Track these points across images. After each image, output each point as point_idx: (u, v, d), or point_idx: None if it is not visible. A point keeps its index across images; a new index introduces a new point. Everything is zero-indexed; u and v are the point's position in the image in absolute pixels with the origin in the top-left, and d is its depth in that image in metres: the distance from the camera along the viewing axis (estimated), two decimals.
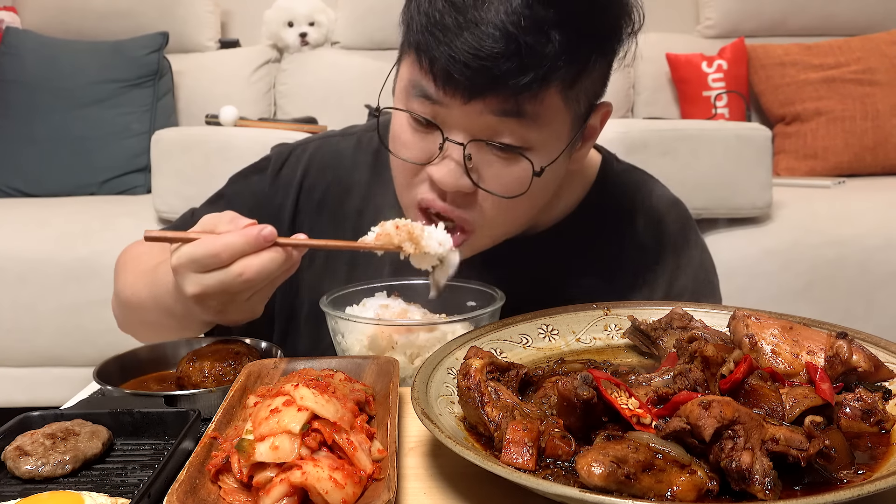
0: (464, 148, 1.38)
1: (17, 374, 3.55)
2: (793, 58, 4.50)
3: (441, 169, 1.40)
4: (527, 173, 1.41)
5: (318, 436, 0.95)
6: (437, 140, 1.40)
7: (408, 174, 1.48)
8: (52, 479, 1.03)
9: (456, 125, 1.38)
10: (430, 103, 1.38)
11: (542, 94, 1.35)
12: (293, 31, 4.78)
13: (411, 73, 1.41)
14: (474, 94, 1.33)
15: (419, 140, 1.43)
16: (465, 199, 1.44)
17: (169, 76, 4.54)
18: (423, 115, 1.40)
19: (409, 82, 1.41)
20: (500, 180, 1.42)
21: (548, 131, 1.40)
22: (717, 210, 3.32)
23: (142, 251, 1.75)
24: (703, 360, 1.06)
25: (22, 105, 4.29)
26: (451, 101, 1.35)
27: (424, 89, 1.38)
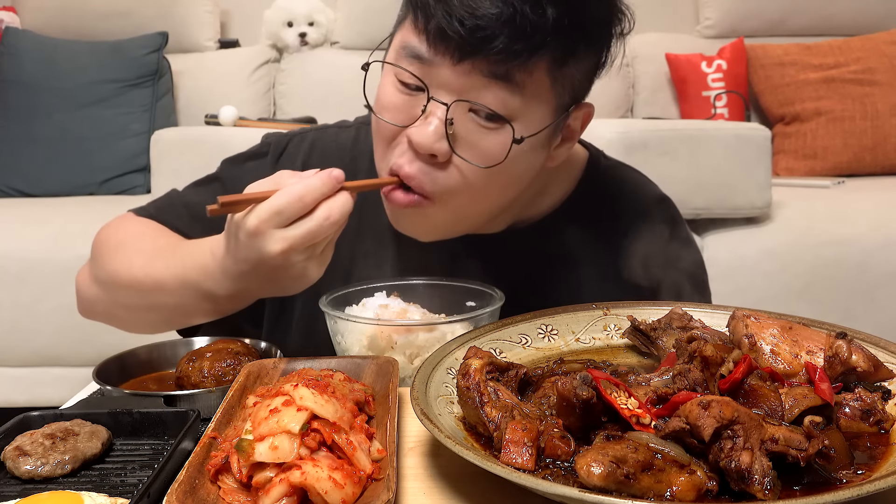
0: (447, 109, 1.37)
1: (17, 374, 3.55)
2: (792, 58, 4.50)
3: (421, 130, 1.39)
4: (504, 145, 1.40)
5: (318, 436, 0.95)
6: (421, 103, 1.40)
7: (387, 140, 1.47)
8: (51, 479, 1.03)
9: (443, 87, 1.38)
10: (419, 64, 1.39)
11: (531, 65, 1.35)
12: (292, 31, 4.78)
13: (404, 36, 1.42)
14: (465, 54, 1.33)
15: (403, 103, 1.43)
16: (434, 167, 1.42)
17: (168, 76, 4.54)
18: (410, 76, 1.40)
19: (400, 45, 1.42)
20: (476, 149, 1.40)
21: (532, 105, 1.40)
22: (717, 210, 3.32)
23: (141, 230, 1.71)
24: (703, 360, 1.07)
25: (21, 105, 4.29)
26: (442, 60, 1.36)
27: (415, 49, 1.38)
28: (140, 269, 1.57)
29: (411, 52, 1.39)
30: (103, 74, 4.37)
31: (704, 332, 1.27)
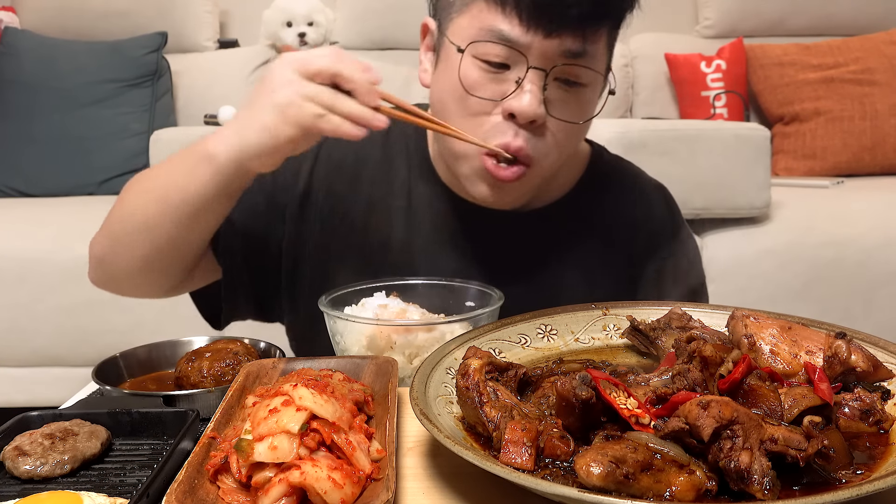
0: (546, 74, 1.48)
1: (16, 374, 3.55)
2: (791, 58, 4.50)
3: (520, 100, 1.48)
4: (590, 102, 1.58)
5: (317, 436, 0.95)
6: (510, 78, 1.50)
7: (475, 120, 1.54)
8: (50, 479, 1.03)
9: (533, 61, 1.48)
10: (506, 45, 1.48)
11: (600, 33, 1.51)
12: (292, 31, 4.77)
13: (484, 18, 1.50)
14: (553, 27, 1.45)
15: (491, 80, 1.51)
16: (536, 131, 1.53)
17: (167, 76, 4.54)
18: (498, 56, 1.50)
19: (480, 29, 1.50)
20: (567, 110, 1.54)
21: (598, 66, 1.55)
22: (716, 210, 3.32)
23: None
24: (702, 360, 1.06)
25: (20, 105, 4.29)
26: (533, 37, 1.46)
27: (503, 31, 1.48)
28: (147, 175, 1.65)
29: (499, 35, 1.48)
30: (102, 74, 4.37)
31: (704, 332, 1.27)
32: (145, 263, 1.58)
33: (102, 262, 1.66)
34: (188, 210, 1.49)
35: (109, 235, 1.62)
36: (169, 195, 1.50)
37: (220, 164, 1.43)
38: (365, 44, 4.83)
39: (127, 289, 1.71)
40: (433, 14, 1.67)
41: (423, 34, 1.69)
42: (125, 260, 1.60)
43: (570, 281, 1.72)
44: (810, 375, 1.07)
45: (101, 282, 1.71)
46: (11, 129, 4.26)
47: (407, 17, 4.81)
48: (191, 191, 1.47)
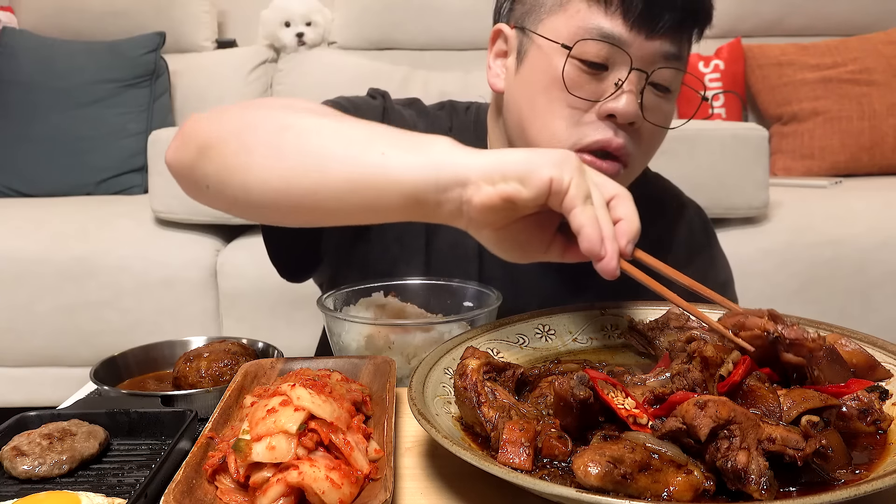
0: (647, 76, 1.49)
1: (14, 374, 3.54)
2: (789, 58, 4.50)
3: (620, 102, 1.48)
4: (673, 109, 1.59)
5: (315, 436, 0.95)
6: (609, 79, 1.50)
7: (570, 118, 1.53)
8: (48, 480, 1.03)
9: (634, 61, 1.49)
10: (607, 44, 1.48)
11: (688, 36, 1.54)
12: (290, 31, 4.77)
13: (584, 18, 1.49)
14: (655, 30, 1.47)
15: (587, 82, 1.51)
16: (632, 133, 1.53)
17: (166, 76, 4.54)
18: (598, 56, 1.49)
19: (580, 28, 1.49)
20: (659, 114, 1.55)
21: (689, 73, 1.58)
22: (714, 210, 3.31)
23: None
24: (703, 361, 1.06)
25: (18, 105, 4.28)
26: (636, 37, 1.47)
27: (605, 29, 1.47)
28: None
29: (600, 33, 1.47)
30: (100, 74, 4.36)
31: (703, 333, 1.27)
32: (286, 196, 1.22)
33: (209, 152, 1.29)
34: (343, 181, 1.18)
35: (241, 132, 1.28)
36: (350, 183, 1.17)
37: (449, 164, 1.13)
38: (363, 44, 4.83)
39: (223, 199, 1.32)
40: (506, 19, 1.65)
41: (493, 40, 1.68)
42: (259, 171, 1.23)
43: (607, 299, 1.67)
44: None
45: (186, 169, 1.35)
46: (9, 128, 4.25)
47: (405, 17, 4.81)
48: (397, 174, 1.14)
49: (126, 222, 3.57)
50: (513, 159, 1.11)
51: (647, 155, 1.61)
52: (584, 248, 1.10)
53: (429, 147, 1.15)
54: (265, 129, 1.25)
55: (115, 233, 3.47)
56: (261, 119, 1.28)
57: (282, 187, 1.20)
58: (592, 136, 1.51)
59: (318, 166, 1.18)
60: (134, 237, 3.45)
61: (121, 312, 3.35)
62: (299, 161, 1.19)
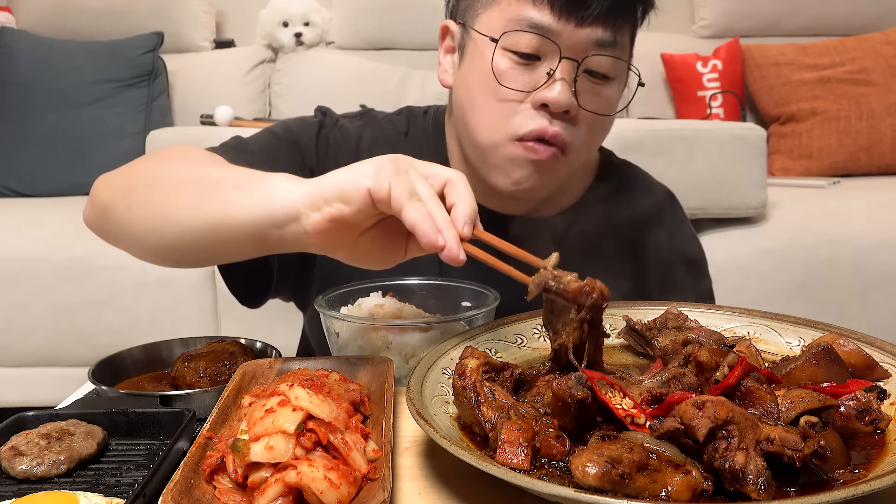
0: (577, 65, 1.50)
1: (12, 374, 3.54)
2: (788, 58, 4.51)
3: (552, 91, 1.50)
4: (617, 94, 1.60)
5: (313, 436, 0.95)
6: (542, 69, 1.52)
7: (506, 110, 1.55)
8: (47, 479, 1.03)
9: (564, 50, 1.50)
10: (537, 35, 1.50)
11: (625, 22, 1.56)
12: (288, 31, 4.78)
13: (515, 9, 1.52)
14: (585, 18, 1.48)
15: (520, 73, 1.53)
16: (569, 121, 1.54)
17: (164, 76, 4.54)
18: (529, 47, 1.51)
19: (510, 20, 1.52)
20: (597, 99, 1.56)
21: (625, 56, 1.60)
22: (712, 210, 3.32)
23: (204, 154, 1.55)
24: (697, 365, 1.06)
25: (17, 105, 4.28)
26: (565, 26, 1.49)
27: (534, 19, 1.50)
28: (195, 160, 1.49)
29: (530, 23, 1.50)
30: (99, 74, 4.36)
31: (700, 334, 1.27)
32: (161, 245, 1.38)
33: (106, 212, 1.45)
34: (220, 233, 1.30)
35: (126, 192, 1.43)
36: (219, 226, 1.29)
37: (280, 199, 1.22)
38: (361, 44, 4.83)
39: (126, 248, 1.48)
40: (453, 15, 1.69)
41: (442, 37, 1.71)
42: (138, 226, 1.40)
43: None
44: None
45: (96, 228, 1.52)
46: (7, 129, 4.25)
47: (403, 17, 4.81)
48: (236, 216, 1.26)
49: None
50: (330, 181, 1.19)
51: (592, 141, 1.64)
52: (423, 244, 1.15)
53: (265, 186, 1.25)
54: (140, 188, 1.42)
55: None
56: (138, 178, 1.45)
57: (157, 240, 1.37)
58: (528, 126, 1.53)
59: (176, 219, 1.33)
60: None
61: (119, 312, 3.35)
62: (163, 216, 1.35)
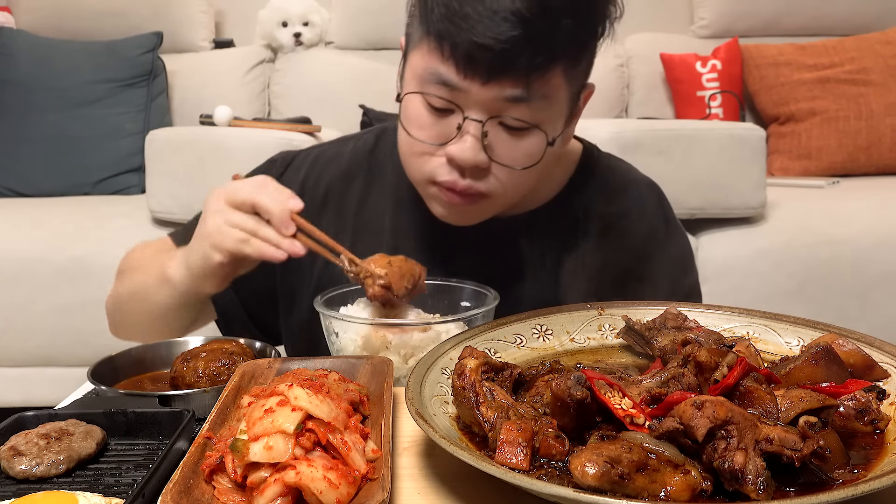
0: (482, 125, 1.46)
1: (11, 374, 3.54)
2: (787, 58, 4.50)
3: (460, 147, 1.48)
4: (536, 146, 1.52)
5: (313, 436, 0.95)
6: (453, 122, 1.49)
7: (422, 157, 1.56)
8: (46, 479, 1.03)
9: (473, 106, 1.47)
10: (447, 88, 1.47)
11: (550, 73, 1.46)
12: (287, 31, 4.78)
13: (428, 61, 1.49)
14: (493, 75, 1.42)
15: (434, 123, 1.51)
16: (481, 173, 1.52)
17: (163, 76, 4.54)
18: (440, 100, 1.49)
19: (424, 70, 1.50)
20: (512, 154, 1.51)
21: (553, 107, 1.52)
22: (711, 210, 3.32)
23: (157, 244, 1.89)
24: (697, 365, 1.06)
25: (16, 105, 4.28)
26: (471, 84, 1.44)
27: (443, 75, 1.46)
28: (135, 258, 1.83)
29: (439, 79, 1.47)
30: (98, 74, 4.36)
31: (699, 333, 1.27)
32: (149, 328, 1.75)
33: (114, 323, 1.90)
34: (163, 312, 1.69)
35: (115, 304, 1.85)
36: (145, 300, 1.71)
37: (176, 286, 1.61)
38: (360, 44, 4.83)
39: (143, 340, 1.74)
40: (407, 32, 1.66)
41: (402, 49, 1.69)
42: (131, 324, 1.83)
43: (563, 282, 1.73)
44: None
45: (120, 335, 1.89)
46: (7, 129, 4.25)
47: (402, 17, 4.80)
48: (160, 303, 1.67)
49: (123, 222, 3.56)
50: (197, 268, 1.54)
51: (516, 185, 1.58)
52: (275, 258, 1.47)
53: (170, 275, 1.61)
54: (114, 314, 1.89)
55: (112, 233, 3.47)
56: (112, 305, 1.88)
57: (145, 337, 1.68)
58: (441, 176, 1.54)
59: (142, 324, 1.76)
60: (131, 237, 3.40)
61: None
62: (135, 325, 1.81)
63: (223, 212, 1.48)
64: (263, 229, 1.46)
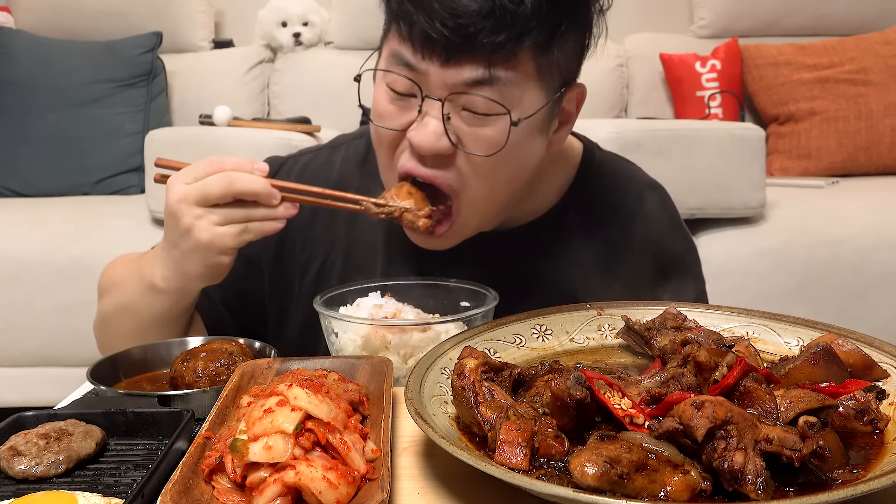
0: (442, 105, 1.41)
1: (11, 374, 3.55)
2: (786, 58, 4.51)
3: (420, 132, 1.44)
4: (503, 132, 1.44)
5: (312, 436, 0.95)
6: (416, 106, 1.44)
7: (389, 148, 1.52)
8: (45, 480, 1.03)
9: (435, 87, 1.42)
10: (408, 70, 1.43)
11: (516, 54, 1.39)
12: (287, 31, 4.78)
13: (391, 44, 1.46)
14: (451, 53, 1.38)
15: (397, 110, 1.48)
16: (445, 162, 1.47)
17: (162, 76, 4.54)
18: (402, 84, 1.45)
19: (389, 54, 1.47)
20: (477, 139, 1.45)
21: (522, 90, 1.44)
22: (711, 210, 3.32)
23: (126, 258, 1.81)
24: (696, 365, 1.06)
25: (15, 105, 4.28)
26: (430, 63, 1.40)
27: (403, 56, 1.43)
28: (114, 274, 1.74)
29: (400, 60, 1.43)
30: (97, 74, 4.36)
31: (698, 334, 1.27)
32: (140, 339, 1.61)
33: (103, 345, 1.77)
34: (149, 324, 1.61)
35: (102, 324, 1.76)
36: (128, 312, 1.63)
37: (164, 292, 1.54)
38: (359, 43, 4.83)
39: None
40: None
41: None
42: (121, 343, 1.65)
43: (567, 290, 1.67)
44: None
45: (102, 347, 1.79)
46: (6, 129, 4.25)
47: None
48: (149, 315, 1.59)
49: (123, 222, 3.57)
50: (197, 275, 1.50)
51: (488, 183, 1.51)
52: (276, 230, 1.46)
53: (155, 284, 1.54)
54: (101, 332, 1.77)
55: (112, 233, 3.47)
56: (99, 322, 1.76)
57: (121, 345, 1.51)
58: (403, 165, 1.49)
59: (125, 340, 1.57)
60: (131, 237, 3.45)
61: None
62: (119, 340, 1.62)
63: (204, 216, 1.42)
64: (254, 212, 1.43)
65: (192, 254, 1.45)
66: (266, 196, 1.42)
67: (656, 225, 1.79)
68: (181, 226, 1.43)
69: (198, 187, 1.41)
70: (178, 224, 1.43)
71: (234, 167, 1.42)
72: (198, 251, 1.44)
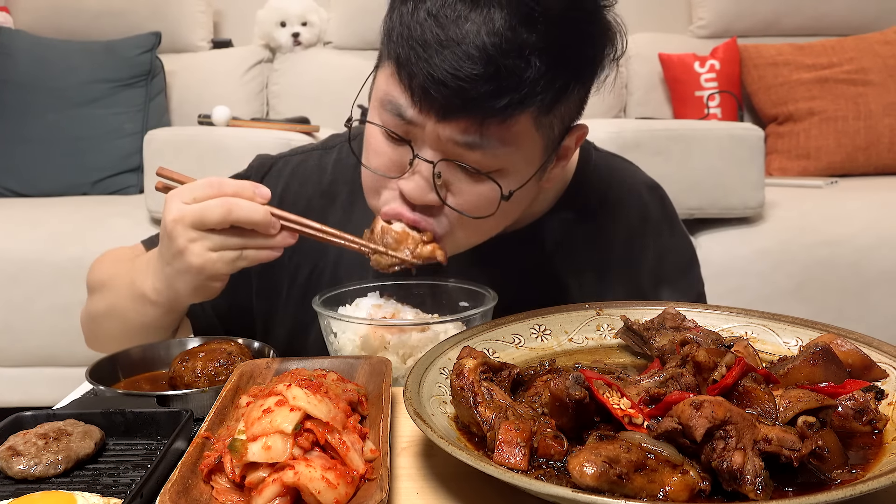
0: (433, 166, 1.38)
1: (10, 374, 3.55)
2: (785, 58, 4.51)
3: (410, 183, 1.41)
4: (495, 195, 1.41)
5: (311, 436, 0.95)
6: (409, 154, 1.40)
7: (377, 182, 1.48)
8: (44, 479, 1.03)
9: (428, 143, 1.38)
10: (402, 120, 1.38)
11: (513, 120, 1.33)
12: (286, 31, 4.78)
13: (388, 86, 1.40)
14: (448, 113, 1.32)
15: (391, 151, 1.43)
16: (432, 210, 1.44)
17: (161, 76, 4.54)
18: (395, 130, 1.40)
19: (384, 95, 1.40)
20: (467, 199, 1.42)
21: (518, 155, 1.40)
22: (710, 210, 3.32)
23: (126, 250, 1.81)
24: (695, 365, 1.06)
25: (14, 105, 4.28)
26: (425, 119, 1.35)
27: (399, 105, 1.37)
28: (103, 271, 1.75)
29: (395, 109, 1.38)
30: (96, 74, 4.36)
31: (697, 334, 1.27)
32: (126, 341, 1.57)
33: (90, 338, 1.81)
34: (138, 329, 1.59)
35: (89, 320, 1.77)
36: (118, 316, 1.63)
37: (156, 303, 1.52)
38: (359, 44, 4.83)
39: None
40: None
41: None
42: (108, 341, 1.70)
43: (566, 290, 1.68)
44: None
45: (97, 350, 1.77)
46: (5, 129, 4.25)
47: None
48: (138, 322, 1.58)
49: (122, 222, 3.57)
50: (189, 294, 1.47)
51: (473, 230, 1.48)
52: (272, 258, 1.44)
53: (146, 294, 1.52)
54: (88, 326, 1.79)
55: (111, 233, 3.47)
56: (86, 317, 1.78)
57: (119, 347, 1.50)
58: (389, 205, 1.46)
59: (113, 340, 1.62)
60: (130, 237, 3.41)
61: None
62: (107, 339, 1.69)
63: (199, 240, 1.38)
64: (251, 241, 1.39)
65: (183, 275, 1.42)
66: (265, 226, 1.38)
67: (655, 225, 1.78)
68: (174, 247, 1.39)
69: (195, 210, 1.37)
70: (171, 244, 1.39)
71: (235, 192, 1.38)
72: (189, 273, 1.41)
